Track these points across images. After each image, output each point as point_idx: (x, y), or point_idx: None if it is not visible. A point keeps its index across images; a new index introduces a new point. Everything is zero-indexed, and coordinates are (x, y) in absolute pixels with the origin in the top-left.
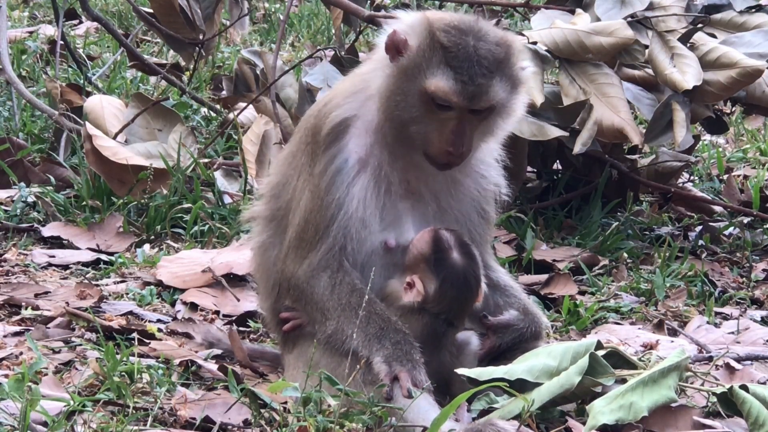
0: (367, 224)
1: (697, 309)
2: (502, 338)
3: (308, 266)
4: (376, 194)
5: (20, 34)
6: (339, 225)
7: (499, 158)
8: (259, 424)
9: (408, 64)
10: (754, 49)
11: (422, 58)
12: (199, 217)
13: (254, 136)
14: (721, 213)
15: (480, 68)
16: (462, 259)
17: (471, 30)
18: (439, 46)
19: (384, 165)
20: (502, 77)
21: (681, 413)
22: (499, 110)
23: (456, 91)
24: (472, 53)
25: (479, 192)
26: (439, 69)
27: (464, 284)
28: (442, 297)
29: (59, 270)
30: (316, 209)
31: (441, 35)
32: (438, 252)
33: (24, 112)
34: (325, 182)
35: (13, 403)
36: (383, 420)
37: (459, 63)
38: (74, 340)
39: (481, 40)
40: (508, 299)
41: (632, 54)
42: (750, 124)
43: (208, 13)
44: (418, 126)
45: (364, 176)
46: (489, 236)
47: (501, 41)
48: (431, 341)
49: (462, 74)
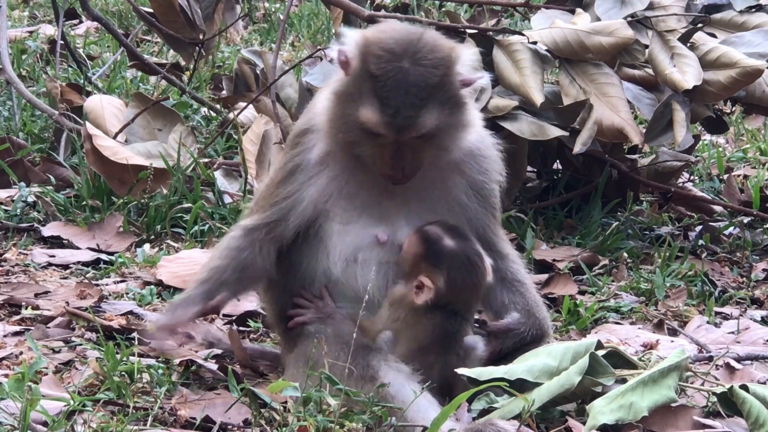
0: (338, 218)
1: (697, 309)
2: (504, 343)
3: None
4: (344, 193)
5: (20, 33)
6: (279, 208)
7: (493, 144)
8: (259, 423)
9: (345, 89)
10: (754, 49)
11: (355, 85)
12: (200, 216)
13: (254, 135)
14: (721, 213)
15: (408, 97)
16: (457, 243)
17: (407, 53)
18: (369, 75)
19: (347, 169)
20: (435, 103)
21: (681, 413)
22: (441, 129)
23: (383, 123)
24: (402, 82)
25: (474, 179)
26: (369, 99)
27: (470, 264)
28: (453, 285)
29: (59, 270)
30: (267, 195)
31: (372, 62)
32: (432, 246)
33: (24, 112)
34: (281, 175)
35: (13, 402)
36: (383, 420)
37: (387, 93)
38: (74, 340)
39: (417, 64)
40: (513, 298)
41: (632, 54)
42: (750, 123)
43: (208, 13)
44: (360, 149)
45: (323, 178)
46: (495, 221)
47: (439, 62)
48: (443, 341)
49: (389, 106)
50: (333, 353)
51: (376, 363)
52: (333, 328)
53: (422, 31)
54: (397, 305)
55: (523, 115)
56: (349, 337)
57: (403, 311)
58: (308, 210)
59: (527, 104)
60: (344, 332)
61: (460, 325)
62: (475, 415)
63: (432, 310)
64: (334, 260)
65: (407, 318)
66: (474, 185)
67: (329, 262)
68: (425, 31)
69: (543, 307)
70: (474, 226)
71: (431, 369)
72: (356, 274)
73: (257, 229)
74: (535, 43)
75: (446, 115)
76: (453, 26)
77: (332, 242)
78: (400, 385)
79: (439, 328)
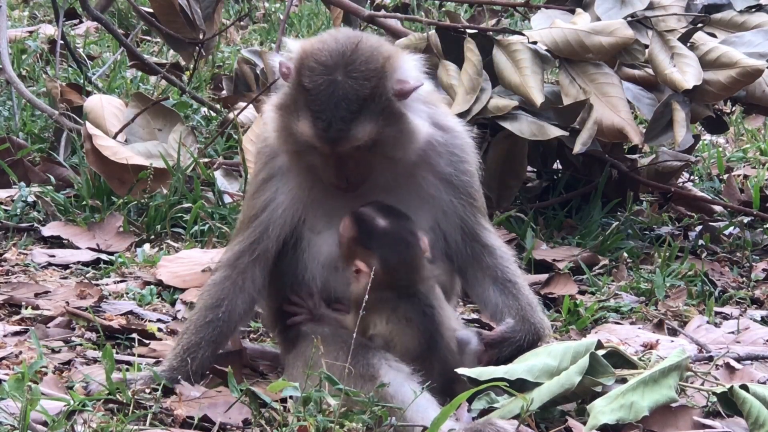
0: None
1: (697, 309)
2: (501, 352)
3: (225, 257)
4: (311, 199)
5: (20, 33)
6: (260, 221)
7: (463, 131)
8: (258, 423)
9: (284, 102)
10: (754, 49)
11: (292, 98)
12: (199, 216)
13: (254, 135)
14: (721, 213)
15: (339, 111)
16: (388, 222)
17: (338, 65)
18: (302, 89)
19: (310, 175)
20: (368, 115)
21: (681, 413)
22: (380, 140)
23: (316, 137)
24: (332, 95)
25: (442, 172)
26: (303, 112)
27: (402, 243)
28: (387, 265)
29: (59, 269)
30: (246, 210)
31: (305, 75)
32: (363, 228)
33: (24, 112)
34: (255, 186)
35: (13, 402)
36: (383, 419)
37: (318, 107)
38: (74, 340)
39: (348, 77)
40: (507, 301)
41: (632, 53)
42: (750, 123)
43: (208, 13)
44: (307, 159)
45: (291, 184)
46: (477, 211)
47: (372, 74)
48: (429, 346)
49: (321, 119)
50: (333, 353)
51: (377, 362)
52: (331, 328)
53: (359, 40)
54: (354, 298)
55: (523, 115)
56: (348, 337)
57: (376, 316)
58: (287, 215)
59: (527, 104)
60: (342, 332)
61: (433, 310)
62: (475, 414)
63: (392, 300)
64: (316, 268)
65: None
66: (444, 177)
67: (311, 270)
68: (362, 41)
69: (538, 309)
70: (452, 220)
71: (431, 368)
72: (338, 280)
73: (242, 255)
74: (535, 43)
75: (381, 126)
76: (453, 26)
77: (310, 250)
78: (400, 384)
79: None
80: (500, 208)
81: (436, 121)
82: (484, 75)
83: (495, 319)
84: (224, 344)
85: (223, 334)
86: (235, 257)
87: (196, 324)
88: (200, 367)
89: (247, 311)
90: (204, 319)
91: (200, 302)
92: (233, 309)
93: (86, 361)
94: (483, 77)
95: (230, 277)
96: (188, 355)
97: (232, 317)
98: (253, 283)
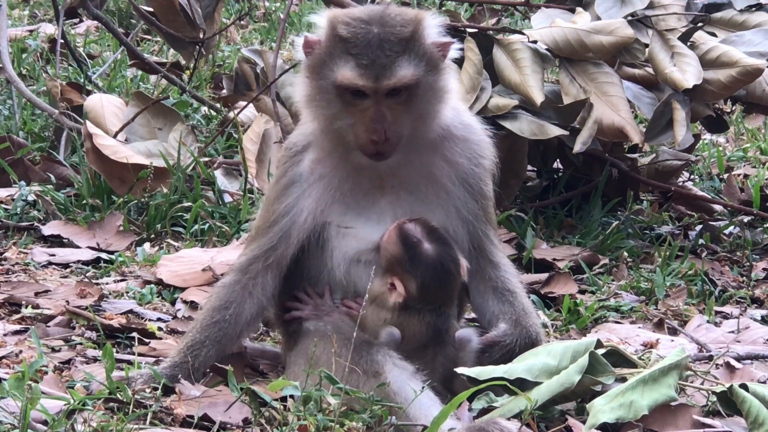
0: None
1: (697, 308)
2: (492, 356)
3: (237, 261)
4: (338, 197)
5: (20, 32)
6: (280, 227)
7: (481, 128)
8: (259, 422)
9: (317, 62)
10: (754, 48)
11: (327, 54)
12: (200, 215)
13: (254, 134)
14: (722, 212)
15: (381, 51)
16: (434, 248)
17: (374, 19)
18: (339, 39)
19: (338, 174)
20: (410, 54)
21: (681, 412)
22: (419, 89)
23: (360, 75)
24: (373, 38)
25: (458, 164)
26: (342, 59)
27: (444, 272)
28: (425, 292)
29: (59, 268)
30: (265, 217)
31: (341, 28)
32: (409, 249)
33: (24, 111)
34: (276, 192)
35: (14, 401)
36: (383, 419)
37: (359, 50)
38: (74, 339)
39: (384, 26)
40: (503, 308)
41: (632, 53)
42: (750, 123)
43: (208, 12)
44: (341, 121)
45: (317, 187)
46: (488, 222)
47: (408, 21)
48: (436, 338)
49: (363, 59)
50: (336, 350)
51: (381, 358)
52: (333, 325)
53: (388, 4)
54: (378, 302)
55: (523, 114)
56: (350, 334)
57: (386, 312)
58: (308, 221)
59: (527, 103)
60: (344, 329)
61: (447, 318)
62: (475, 414)
63: (414, 309)
64: (337, 263)
65: (394, 319)
66: (460, 171)
67: (332, 265)
68: (391, 5)
69: (533, 314)
70: (463, 216)
71: (433, 365)
72: (359, 274)
73: (255, 261)
74: (536, 42)
75: (423, 71)
76: (453, 25)
77: (334, 247)
78: (402, 383)
79: (431, 328)
80: (500, 208)
81: (456, 115)
82: (484, 74)
83: (490, 326)
84: (229, 347)
85: (228, 336)
86: (248, 262)
87: (202, 323)
88: (202, 365)
89: (255, 317)
90: (210, 320)
91: (208, 303)
92: (240, 312)
93: (86, 360)
94: (483, 76)
95: (240, 281)
96: (191, 353)
97: (238, 320)
98: (263, 289)
